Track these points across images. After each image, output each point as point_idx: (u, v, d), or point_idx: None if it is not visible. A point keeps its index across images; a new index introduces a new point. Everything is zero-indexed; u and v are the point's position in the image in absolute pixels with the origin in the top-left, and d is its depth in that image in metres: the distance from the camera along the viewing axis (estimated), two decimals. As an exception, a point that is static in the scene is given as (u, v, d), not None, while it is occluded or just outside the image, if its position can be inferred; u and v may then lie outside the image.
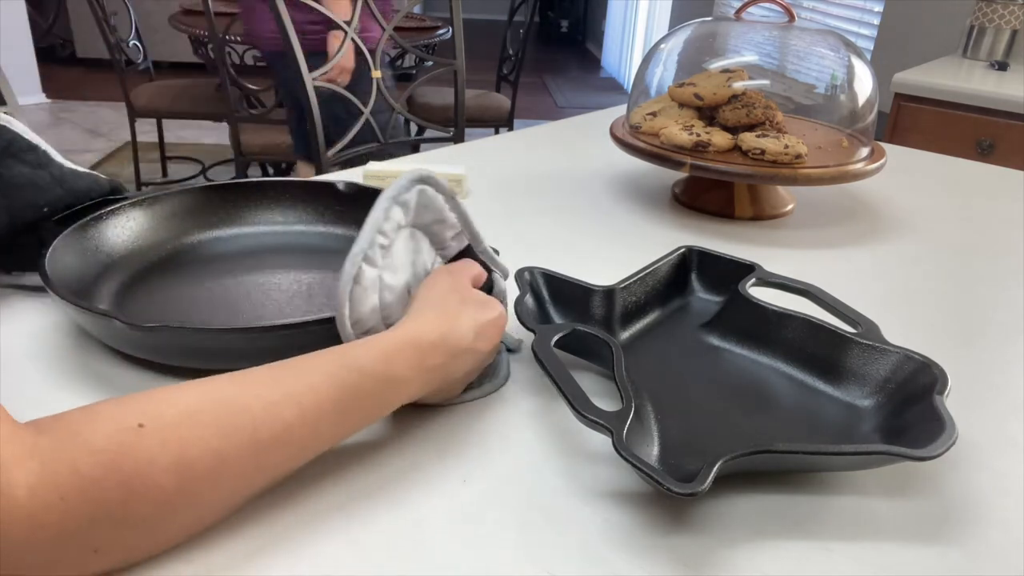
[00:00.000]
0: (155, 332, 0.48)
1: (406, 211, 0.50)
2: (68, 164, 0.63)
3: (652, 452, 0.46)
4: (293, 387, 0.39)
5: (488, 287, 0.54)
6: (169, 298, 0.60)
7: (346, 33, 1.50)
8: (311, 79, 1.47)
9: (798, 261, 0.78)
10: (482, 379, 0.53)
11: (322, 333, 0.48)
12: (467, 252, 0.54)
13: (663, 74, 0.99)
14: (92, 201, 0.63)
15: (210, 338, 0.49)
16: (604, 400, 0.47)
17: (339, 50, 1.54)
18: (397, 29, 1.61)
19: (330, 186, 0.72)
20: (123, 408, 0.35)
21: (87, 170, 0.64)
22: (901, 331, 0.57)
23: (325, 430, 0.41)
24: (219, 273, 0.65)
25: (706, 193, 0.90)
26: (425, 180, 0.50)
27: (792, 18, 0.93)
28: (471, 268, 0.52)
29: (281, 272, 0.65)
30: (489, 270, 0.54)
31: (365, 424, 0.43)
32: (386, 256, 0.49)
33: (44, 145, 0.61)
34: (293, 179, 0.74)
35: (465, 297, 0.49)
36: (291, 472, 0.41)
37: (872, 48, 2.54)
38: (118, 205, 0.64)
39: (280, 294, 0.62)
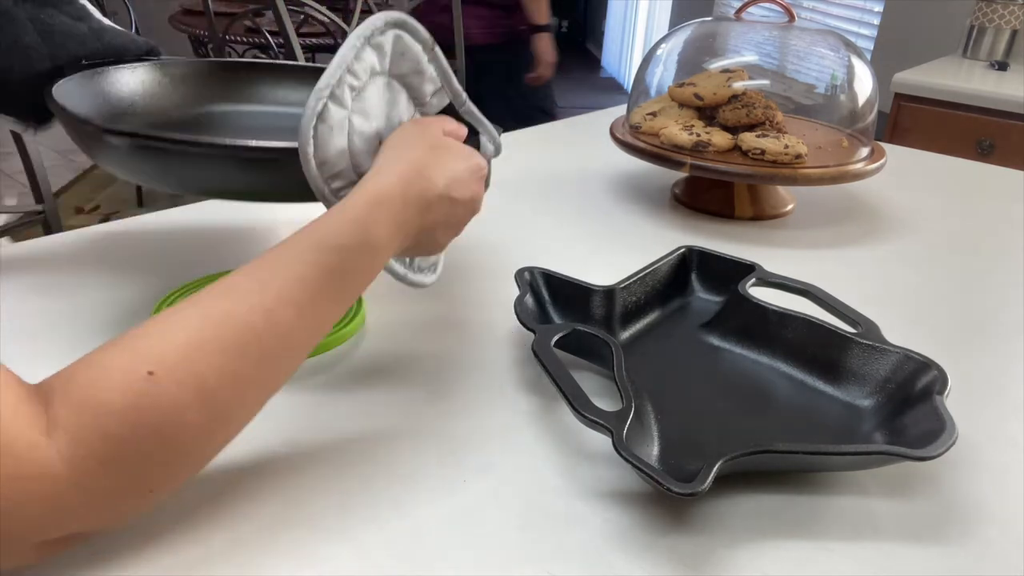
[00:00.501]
0: (120, 137, 0.47)
1: (381, 56, 0.47)
2: (107, 21, 0.62)
3: (652, 452, 0.46)
4: (283, 287, 0.38)
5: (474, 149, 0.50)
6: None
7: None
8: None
9: (798, 261, 0.78)
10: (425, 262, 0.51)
11: (291, 165, 0.45)
12: (452, 113, 0.51)
13: (663, 74, 0.99)
14: (128, 62, 0.62)
15: (179, 152, 0.47)
16: (604, 400, 0.47)
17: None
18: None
19: None
20: (127, 355, 0.34)
21: (124, 29, 0.64)
22: (901, 331, 0.57)
23: (324, 317, 0.41)
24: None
25: (706, 193, 0.90)
26: (401, 24, 0.47)
27: (792, 18, 0.93)
28: (445, 122, 0.50)
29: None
30: (474, 132, 0.51)
31: (357, 295, 0.43)
32: (357, 100, 0.46)
33: None
34: (315, 65, 0.72)
35: (434, 144, 0.47)
36: (302, 362, 0.41)
37: (872, 48, 2.54)
38: (140, 62, 0.63)
39: None
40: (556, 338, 0.51)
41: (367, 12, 1.52)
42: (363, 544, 0.39)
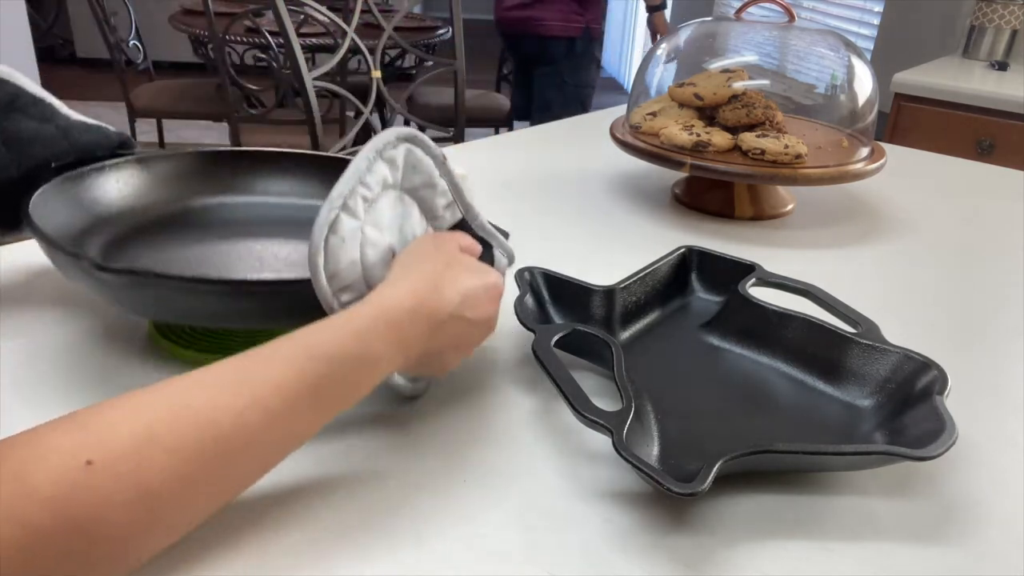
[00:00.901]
0: (118, 276, 0.46)
1: (393, 169, 0.46)
2: (75, 116, 0.60)
3: (652, 452, 0.46)
4: (258, 389, 0.36)
5: (488, 263, 0.50)
6: (158, 259, 0.58)
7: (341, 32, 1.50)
8: (310, 78, 1.47)
9: (798, 261, 0.78)
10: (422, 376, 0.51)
11: (299, 295, 0.44)
12: (466, 227, 0.51)
13: (663, 74, 0.99)
14: (100, 158, 0.61)
15: (177, 288, 0.46)
16: (604, 400, 0.47)
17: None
18: (397, 29, 1.61)
19: (337, 160, 0.69)
20: (72, 437, 0.31)
21: (95, 122, 0.62)
22: (901, 331, 0.57)
23: (297, 428, 0.38)
24: (214, 238, 0.62)
25: (706, 193, 0.90)
26: (412, 139, 0.47)
27: (792, 18, 0.93)
28: (461, 237, 0.49)
29: (280, 241, 0.62)
30: (488, 245, 0.51)
31: (342, 409, 0.40)
32: (370, 211, 0.45)
33: (49, 98, 0.59)
34: (299, 151, 0.71)
35: (450, 260, 0.45)
36: (267, 473, 0.38)
37: (872, 48, 2.54)
38: (117, 160, 0.62)
39: (277, 262, 0.59)
40: (556, 338, 0.51)
41: (367, 12, 1.53)
42: (362, 544, 0.39)
